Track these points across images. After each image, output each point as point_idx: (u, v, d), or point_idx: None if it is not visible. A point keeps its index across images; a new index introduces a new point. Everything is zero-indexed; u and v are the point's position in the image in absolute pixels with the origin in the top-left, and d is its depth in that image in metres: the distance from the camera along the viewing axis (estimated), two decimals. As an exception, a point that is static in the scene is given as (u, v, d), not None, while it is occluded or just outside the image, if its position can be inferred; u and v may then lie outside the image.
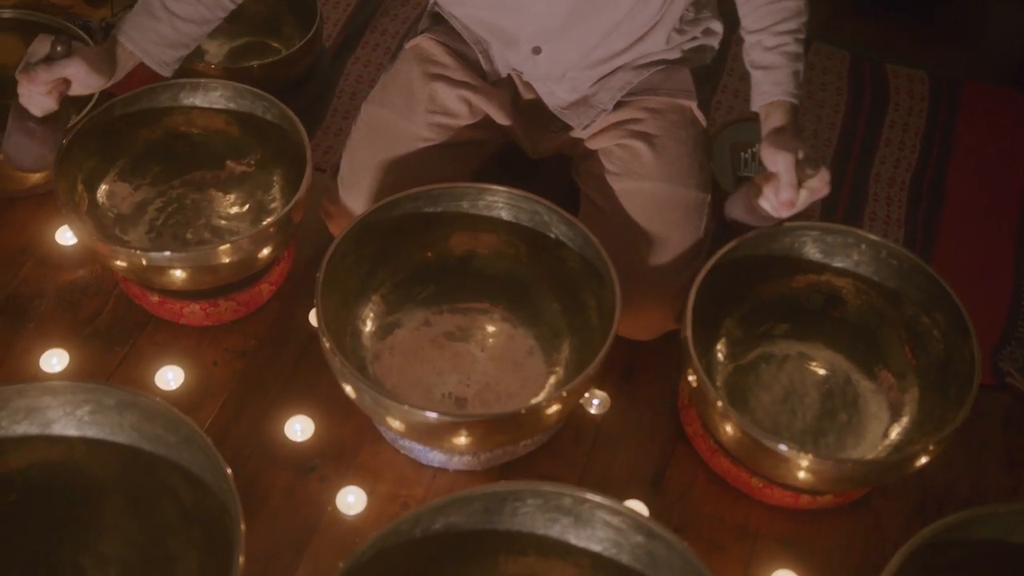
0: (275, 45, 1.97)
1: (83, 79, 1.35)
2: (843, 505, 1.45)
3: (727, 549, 1.41)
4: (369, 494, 1.42)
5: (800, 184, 1.32)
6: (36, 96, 1.34)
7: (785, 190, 1.31)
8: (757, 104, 1.41)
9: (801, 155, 1.32)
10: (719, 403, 1.30)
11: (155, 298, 1.54)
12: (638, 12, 1.42)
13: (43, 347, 1.54)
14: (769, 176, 1.34)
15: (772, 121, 1.38)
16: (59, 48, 1.32)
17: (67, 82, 1.35)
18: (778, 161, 1.32)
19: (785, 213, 1.34)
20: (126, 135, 1.59)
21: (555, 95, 1.54)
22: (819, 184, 1.33)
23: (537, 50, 1.46)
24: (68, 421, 1.22)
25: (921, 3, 2.21)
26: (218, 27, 1.92)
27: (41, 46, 1.33)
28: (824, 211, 1.82)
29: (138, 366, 1.54)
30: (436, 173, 1.51)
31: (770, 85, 1.39)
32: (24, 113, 1.37)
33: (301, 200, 1.46)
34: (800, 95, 1.39)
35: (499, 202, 1.47)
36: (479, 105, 1.54)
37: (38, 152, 1.41)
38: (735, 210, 1.43)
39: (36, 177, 1.65)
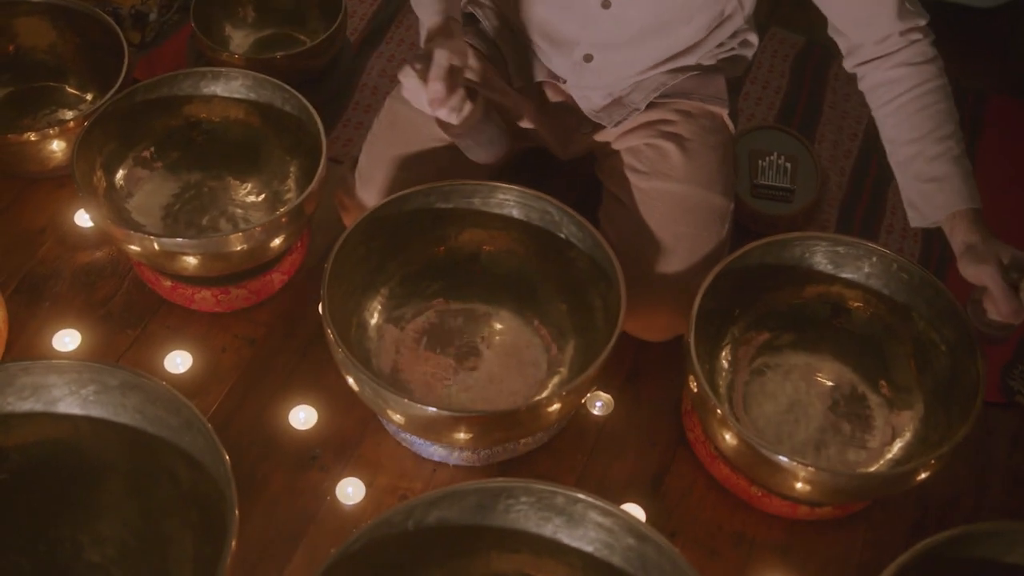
0: (301, 37, 1.99)
1: (461, 50, 1.30)
2: (842, 517, 1.44)
3: (723, 556, 1.41)
4: (368, 486, 1.43)
5: (1017, 287, 1.25)
6: (454, 103, 1.29)
7: (1003, 302, 1.24)
8: (933, 218, 1.33)
9: (1006, 259, 1.25)
10: (719, 410, 1.29)
11: (168, 283, 1.55)
12: (694, 35, 1.44)
13: (56, 326, 1.56)
14: (983, 291, 1.28)
15: (960, 234, 1.29)
16: (418, 65, 1.27)
17: (456, 70, 1.29)
18: (982, 276, 1.26)
19: (1017, 321, 1.26)
20: (147, 121, 1.61)
21: (590, 99, 1.54)
22: None
23: (589, 58, 1.47)
24: (73, 400, 1.23)
25: (946, 16, 2.19)
26: (244, 18, 1.97)
27: (414, 79, 1.28)
28: (840, 222, 1.81)
29: (148, 349, 1.56)
30: (454, 173, 1.51)
31: (946, 196, 1.31)
32: (474, 130, 1.35)
33: (314, 191, 1.47)
34: (978, 197, 1.31)
35: (510, 200, 1.47)
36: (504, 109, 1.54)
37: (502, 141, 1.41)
38: (976, 321, 1.33)
39: (58, 158, 1.67)
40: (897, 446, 1.42)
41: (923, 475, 1.29)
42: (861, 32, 1.36)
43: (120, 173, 1.60)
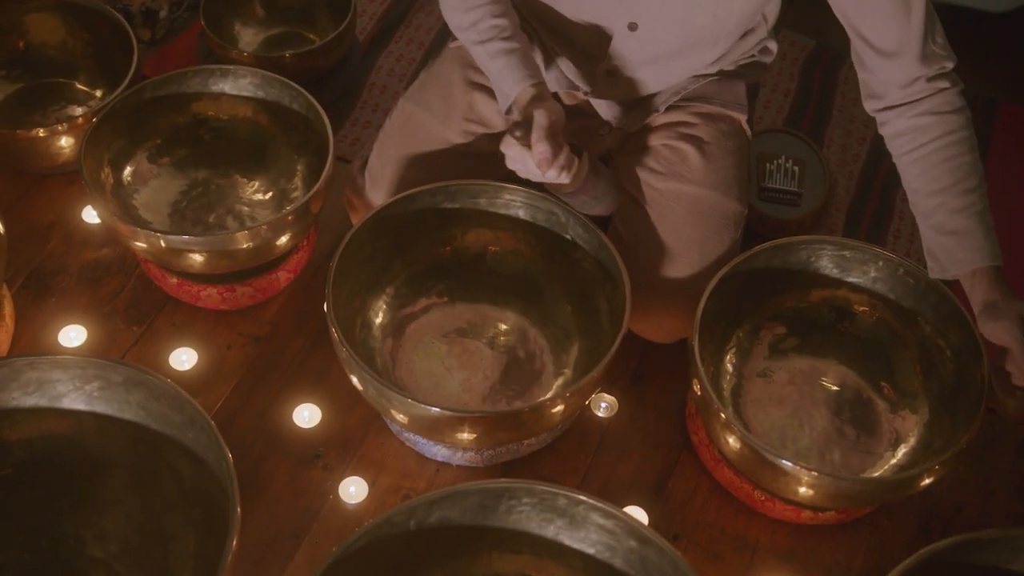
0: (311, 36, 1.99)
1: (558, 111, 1.30)
2: (846, 522, 1.43)
3: (725, 560, 1.41)
4: (371, 485, 1.43)
5: None
6: (562, 162, 1.28)
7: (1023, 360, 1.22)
8: (953, 272, 1.31)
9: None
10: (722, 414, 1.29)
11: (174, 280, 1.56)
12: (718, 53, 1.44)
13: (63, 322, 1.56)
14: (1006, 356, 1.24)
15: (981, 293, 1.27)
16: (517, 133, 1.28)
17: (557, 128, 1.28)
18: (1002, 333, 1.23)
19: None
20: (155, 118, 1.61)
21: (609, 107, 1.53)
22: None
23: (612, 73, 1.47)
24: (77, 396, 1.24)
25: (957, 20, 2.19)
26: (254, 16, 1.97)
27: (516, 147, 1.28)
28: (847, 226, 1.81)
29: (154, 346, 1.56)
30: (464, 177, 1.51)
31: (966, 252, 1.28)
32: (586, 184, 1.35)
33: (321, 190, 1.47)
34: (1000, 254, 1.28)
35: (516, 201, 1.47)
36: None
37: (615, 191, 1.41)
38: (1000, 391, 1.28)
39: (67, 154, 1.67)
40: (901, 451, 1.42)
41: (927, 480, 1.28)
42: (886, 66, 1.31)
43: (128, 170, 1.60)
